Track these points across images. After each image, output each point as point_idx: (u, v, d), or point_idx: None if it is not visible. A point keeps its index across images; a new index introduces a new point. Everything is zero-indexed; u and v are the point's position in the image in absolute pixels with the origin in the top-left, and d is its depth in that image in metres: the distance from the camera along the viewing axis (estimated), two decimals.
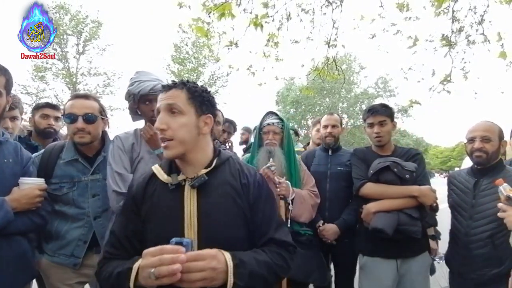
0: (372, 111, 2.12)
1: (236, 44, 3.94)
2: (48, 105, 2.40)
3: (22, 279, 1.49)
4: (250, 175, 1.15)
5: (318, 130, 3.15)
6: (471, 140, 1.86)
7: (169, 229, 1.03)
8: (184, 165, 1.11)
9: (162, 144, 1.06)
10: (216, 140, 2.48)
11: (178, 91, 1.07)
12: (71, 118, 1.67)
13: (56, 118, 2.41)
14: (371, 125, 2.12)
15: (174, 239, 0.89)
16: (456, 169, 2.71)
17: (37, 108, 2.38)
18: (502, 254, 1.72)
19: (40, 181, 1.49)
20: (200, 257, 0.88)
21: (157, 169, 1.15)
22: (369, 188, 1.96)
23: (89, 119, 1.68)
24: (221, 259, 0.91)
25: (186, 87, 1.09)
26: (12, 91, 1.43)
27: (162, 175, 1.11)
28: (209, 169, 1.10)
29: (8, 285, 1.38)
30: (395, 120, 2.21)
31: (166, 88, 1.09)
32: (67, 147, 1.74)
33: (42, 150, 1.78)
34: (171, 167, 1.12)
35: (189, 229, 1.03)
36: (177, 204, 1.05)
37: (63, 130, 2.72)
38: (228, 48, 4.00)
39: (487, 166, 1.83)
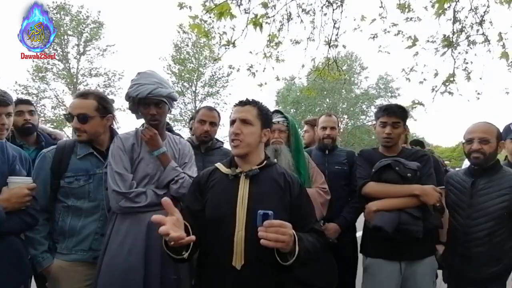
0: (388, 110, 2.01)
1: (233, 43, 3.90)
2: (19, 101, 2.26)
3: (18, 279, 1.49)
4: (293, 177, 1.44)
5: (307, 131, 3.14)
6: (469, 141, 1.86)
7: (225, 209, 1.29)
8: (242, 162, 1.38)
9: (233, 144, 1.35)
10: (215, 140, 2.48)
11: (252, 107, 1.38)
12: (69, 118, 1.75)
13: (30, 112, 2.31)
14: (383, 124, 2.02)
15: (261, 211, 1.10)
16: (457, 169, 2.70)
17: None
18: (499, 252, 1.76)
19: (29, 180, 1.49)
20: (284, 225, 1.10)
21: (219, 165, 1.44)
22: (371, 187, 1.92)
23: (82, 119, 1.71)
24: (291, 232, 1.13)
25: (257, 105, 1.39)
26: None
27: (223, 168, 1.41)
28: (261, 165, 1.38)
29: (5, 286, 1.38)
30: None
31: (243, 103, 1.39)
32: (80, 143, 1.78)
33: (54, 147, 1.77)
34: (231, 163, 1.40)
35: (240, 210, 1.28)
36: (233, 190, 1.33)
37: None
38: (226, 48, 3.97)
39: (484, 167, 1.85)
